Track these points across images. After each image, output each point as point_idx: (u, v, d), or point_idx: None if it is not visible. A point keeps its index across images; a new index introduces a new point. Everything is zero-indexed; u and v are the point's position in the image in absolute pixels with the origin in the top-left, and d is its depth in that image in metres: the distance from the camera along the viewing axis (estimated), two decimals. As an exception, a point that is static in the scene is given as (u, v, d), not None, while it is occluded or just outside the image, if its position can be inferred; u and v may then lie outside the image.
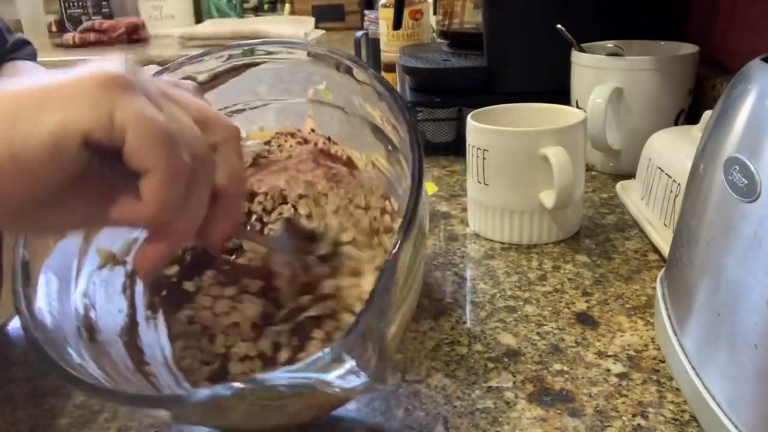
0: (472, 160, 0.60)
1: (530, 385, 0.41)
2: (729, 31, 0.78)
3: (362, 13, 1.73)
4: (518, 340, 0.45)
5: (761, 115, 0.33)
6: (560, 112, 0.62)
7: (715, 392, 0.34)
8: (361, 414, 0.39)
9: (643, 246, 0.58)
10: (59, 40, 1.94)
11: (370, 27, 1.24)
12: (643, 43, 0.77)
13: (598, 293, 0.51)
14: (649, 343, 0.44)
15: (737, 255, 0.32)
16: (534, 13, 0.79)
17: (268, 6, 2.29)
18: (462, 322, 0.48)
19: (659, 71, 0.69)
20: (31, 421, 0.40)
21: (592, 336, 0.45)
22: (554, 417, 0.38)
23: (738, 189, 0.32)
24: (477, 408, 0.39)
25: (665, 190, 0.56)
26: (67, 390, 0.43)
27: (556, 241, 0.59)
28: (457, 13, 0.99)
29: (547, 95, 0.66)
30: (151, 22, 2.05)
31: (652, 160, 0.60)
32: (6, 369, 0.46)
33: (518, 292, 0.51)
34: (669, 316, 0.41)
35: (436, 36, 1.16)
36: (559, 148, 0.55)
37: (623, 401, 0.39)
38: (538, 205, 0.57)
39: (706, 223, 0.36)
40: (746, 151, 0.33)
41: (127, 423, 0.40)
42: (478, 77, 0.83)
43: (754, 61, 0.36)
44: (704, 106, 0.72)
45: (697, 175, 0.38)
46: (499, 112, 0.62)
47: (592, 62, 0.72)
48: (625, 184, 0.66)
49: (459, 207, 0.68)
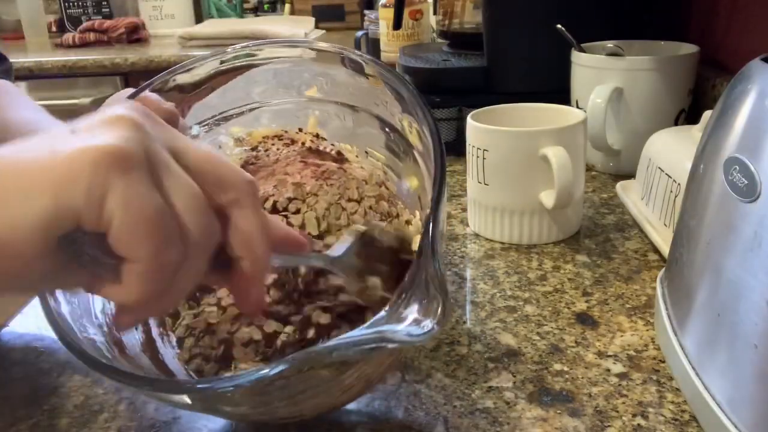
0: (472, 160, 0.60)
1: (530, 385, 0.41)
2: (729, 31, 0.78)
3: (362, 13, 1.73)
4: (518, 340, 0.45)
5: (761, 115, 0.33)
6: (560, 112, 0.62)
7: (715, 392, 0.34)
8: (361, 414, 0.39)
9: (643, 246, 0.58)
10: (59, 40, 1.94)
11: (370, 27, 1.24)
12: (643, 43, 0.77)
13: (598, 293, 0.51)
14: (649, 343, 0.44)
15: (737, 255, 0.32)
16: (534, 13, 0.79)
17: (268, 6, 2.29)
18: (462, 322, 0.48)
19: (659, 71, 0.69)
20: (31, 421, 0.40)
21: (592, 336, 0.45)
22: (554, 417, 0.38)
23: (738, 189, 0.32)
24: (477, 408, 0.39)
25: (665, 190, 0.56)
26: (67, 390, 0.43)
27: (556, 241, 0.59)
28: (457, 13, 0.99)
29: (547, 95, 0.66)
30: (151, 22, 2.05)
31: (652, 160, 0.60)
32: (6, 369, 0.46)
33: (518, 292, 0.51)
34: (669, 316, 0.41)
35: (436, 36, 1.16)
36: (559, 148, 0.55)
37: (623, 401, 0.39)
38: (538, 205, 0.57)
39: (706, 223, 0.36)
40: (746, 151, 0.33)
41: (127, 423, 0.40)
42: (478, 77, 0.83)
43: (754, 61, 0.36)
44: (704, 106, 0.72)
45: (697, 175, 0.38)
46: (499, 112, 0.62)
47: (592, 62, 0.72)
48: (625, 184, 0.66)
49: (459, 207, 0.68)
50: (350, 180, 0.47)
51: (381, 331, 0.27)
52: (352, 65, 0.42)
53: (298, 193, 0.48)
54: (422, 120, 0.37)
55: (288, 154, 0.47)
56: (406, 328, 0.27)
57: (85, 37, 1.91)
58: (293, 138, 0.47)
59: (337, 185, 0.47)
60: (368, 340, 0.27)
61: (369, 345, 0.27)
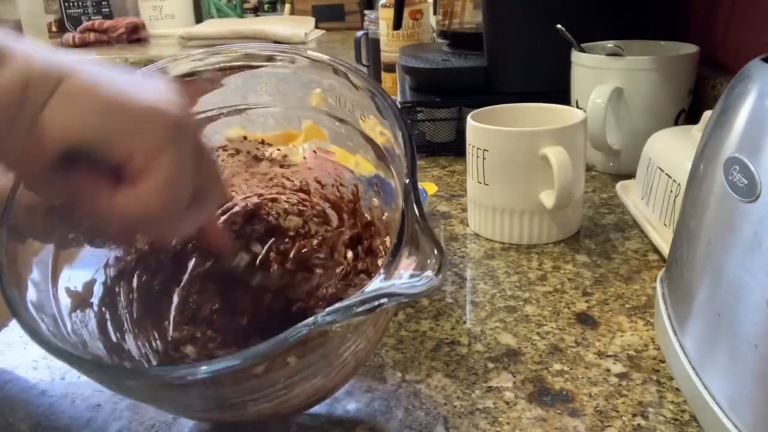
0: (472, 160, 0.60)
1: (530, 385, 0.41)
2: (729, 31, 0.78)
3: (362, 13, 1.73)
4: (518, 340, 0.45)
5: (761, 115, 0.33)
6: (560, 112, 0.62)
7: (715, 392, 0.34)
8: (361, 414, 0.39)
9: (643, 246, 0.58)
10: (59, 40, 1.94)
11: (370, 27, 1.24)
12: (643, 43, 0.77)
13: (598, 293, 0.51)
14: (649, 343, 0.44)
15: (737, 255, 0.32)
16: (534, 13, 0.79)
17: (268, 6, 2.29)
18: (462, 322, 0.48)
19: (659, 71, 0.69)
20: (31, 420, 0.40)
21: (592, 336, 0.45)
22: (554, 417, 0.38)
23: (738, 189, 0.32)
24: (477, 408, 0.39)
25: (665, 190, 0.56)
26: (66, 389, 0.43)
27: (556, 241, 0.59)
28: (457, 13, 0.99)
29: (547, 95, 0.66)
30: (151, 22, 2.05)
31: (652, 160, 0.60)
32: (6, 369, 0.46)
33: (518, 292, 0.51)
34: (669, 316, 0.41)
35: (436, 36, 1.16)
36: (559, 148, 0.55)
37: (623, 401, 0.39)
38: (538, 205, 0.57)
39: (706, 223, 0.36)
40: (746, 151, 0.33)
41: (127, 423, 0.40)
42: (478, 77, 0.83)
43: (754, 61, 0.36)
44: (704, 106, 0.72)
45: (697, 175, 0.38)
46: (499, 112, 0.62)
47: (592, 62, 0.72)
48: (625, 184, 0.66)
49: (459, 207, 0.68)
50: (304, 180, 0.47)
51: (381, 289, 0.28)
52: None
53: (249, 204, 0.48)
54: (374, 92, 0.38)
55: (232, 165, 0.47)
56: (407, 281, 0.28)
57: (85, 37, 1.91)
58: (237, 148, 0.46)
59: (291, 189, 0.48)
60: (371, 298, 0.28)
61: (372, 303, 0.28)
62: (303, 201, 0.48)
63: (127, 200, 0.31)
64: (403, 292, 0.28)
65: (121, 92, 0.30)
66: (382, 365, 0.43)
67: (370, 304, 0.28)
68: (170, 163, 0.31)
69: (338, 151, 0.45)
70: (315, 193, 0.47)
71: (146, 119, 0.30)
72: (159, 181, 0.30)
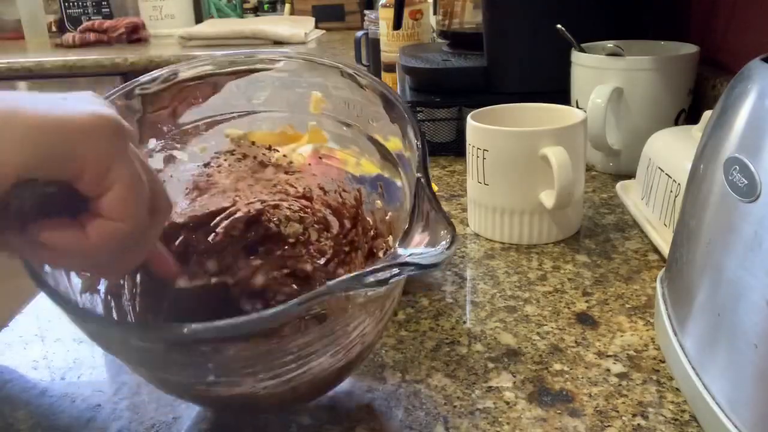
0: (472, 160, 0.60)
1: (530, 385, 0.41)
2: (729, 31, 0.78)
3: (362, 13, 1.73)
4: (518, 340, 0.45)
5: (761, 115, 0.33)
6: (560, 112, 0.62)
7: (715, 392, 0.35)
8: (361, 414, 0.39)
9: (643, 246, 0.58)
10: (59, 40, 1.94)
11: (370, 27, 1.24)
12: (643, 43, 0.77)
13: (598, 293, 0.51)
14: (649, 343, 0.44)
15: (737, 255, 0.32)
16: (534, 13, 0.79)
17: (268, 6, 2.29)
18: (462, 322, 0.48)
19: (659, 71, 0.69)
20: (31, 420, 0.40)
21: (592, 336, 0.45)
22: (554, 417, 0.38)
23: (738, 189, 0.32)
24: (477, 408, 0.39)
25: (665, 190, 0.56)
26: (66, 389, 0.43)
27: (556, 241, 0.59)
28: (457, 13, 0.99)
29: (547, 95, 0.66)
30: (151, 22, 2.05)
31: (652, 160, 0.60)
32: (6, 369, 0.46)
33: (518, 292, 0.51)
34: (669, 316, 0.41)
35: (436, 36, 1.16)
36: (559, 148, 0.55)
37: (623, 401, 0.39)
38: (538, 205, 0.57)
39: (706, 223, 0.36)
40: (746, 151, 0.33)
41: (127, 423, 0.40)
42: (478, 77, 0.83)
43: (754, 61, 0.36)
44: (704, 106, 0.72)
45: (697, 175, 0.38)
46: (499, 112, 0.62)
47: (592, 62, 0.72)
48: (625, 184, 0.66)
49: (459, 207, 0.68)
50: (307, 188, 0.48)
51: (397, 257, 0.29)
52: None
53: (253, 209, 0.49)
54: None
55: (239, 169, 0.47)
56: (422, 249, 0.30)
57: (85, 37, 1.91)
58: (245, 153, 0.47)
59: (294, 196, 0.48)
60: (385, 267, 0.29)
61: (386, 273, 0.29)
62: (305, 208, 0.48)
63: (100, 227, 0.30)
64: (417, 262, 0.29)
65: (47, 111, 0.29)
66: (382, 365, 0.43)
67: (384, 273, 0.29)
68: (125, 170, 0.30)
69: (341, 154, 0.45)
70: (317, 200, 0.47)
71: (82, 131, 0.29)
72: (122, 192, 0.30)
